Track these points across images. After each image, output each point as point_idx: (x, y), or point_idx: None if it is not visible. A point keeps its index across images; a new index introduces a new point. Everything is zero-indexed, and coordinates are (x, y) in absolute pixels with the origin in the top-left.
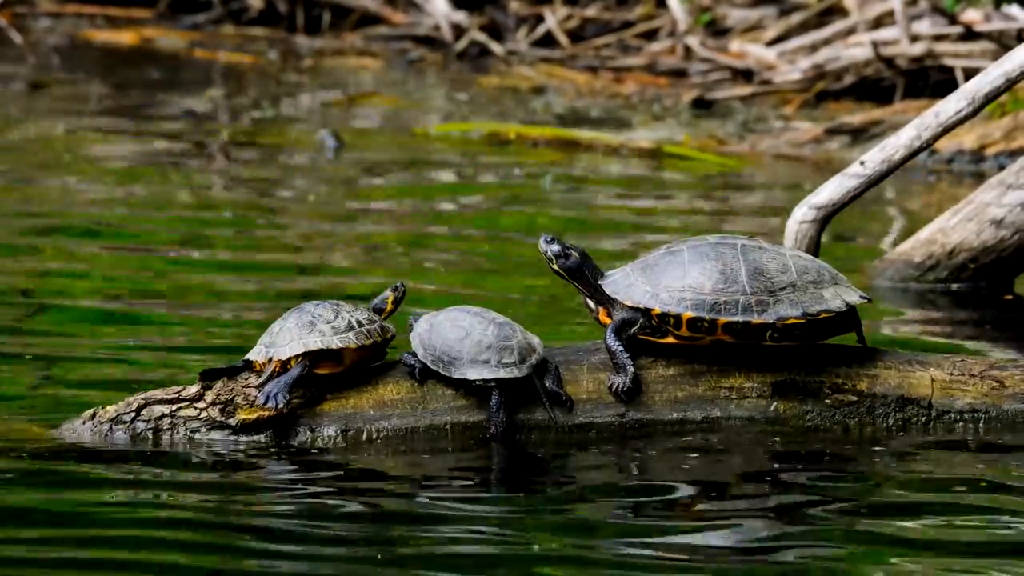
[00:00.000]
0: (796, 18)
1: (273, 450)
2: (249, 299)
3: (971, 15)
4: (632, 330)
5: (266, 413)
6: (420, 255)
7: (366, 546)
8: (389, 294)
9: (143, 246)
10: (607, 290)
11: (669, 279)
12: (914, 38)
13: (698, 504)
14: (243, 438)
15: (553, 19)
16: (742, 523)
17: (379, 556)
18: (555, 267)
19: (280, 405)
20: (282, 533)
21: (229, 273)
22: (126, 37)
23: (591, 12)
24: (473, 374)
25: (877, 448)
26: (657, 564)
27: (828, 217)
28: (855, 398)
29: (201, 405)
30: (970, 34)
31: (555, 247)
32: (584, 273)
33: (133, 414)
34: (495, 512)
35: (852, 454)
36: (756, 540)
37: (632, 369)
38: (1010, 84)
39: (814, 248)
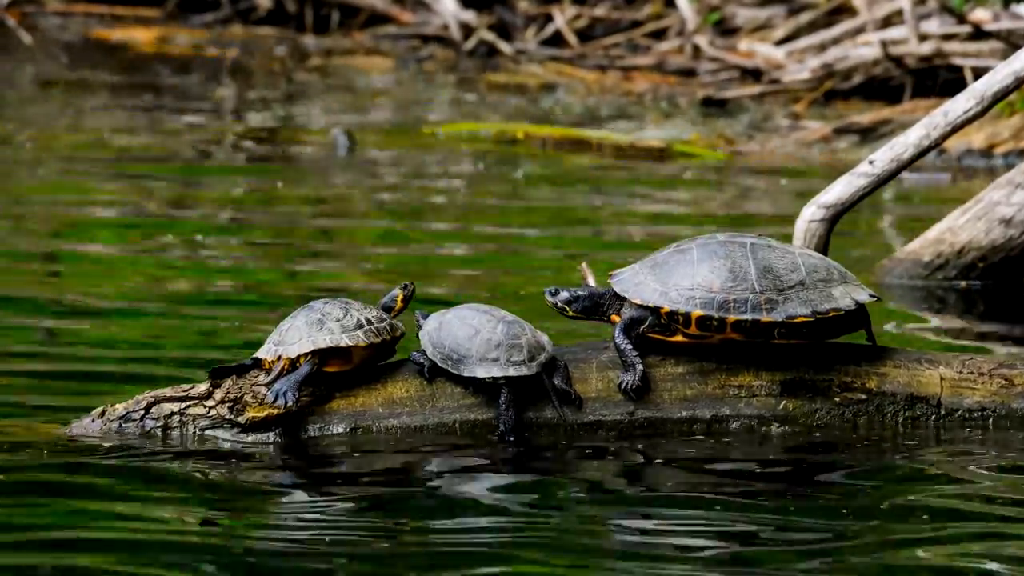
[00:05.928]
0: (805, 17)
1: (282, 448)
2: (258, 296)
3: (980, 14)
4: (641, 328)
5: (275, 411)
6: (429, 253)
7: (375, 543)
8: (398, 292)
9: (153, 241)
10: (616, 288)
11: (678, 277)
12: (923, 37)
13: (707, 502)
14: (252, 436)
15: (562, 18)
16: (751, 521)
17: (388, 553)
18: (571, 314)
19: (289, 403)
20: (291, 531)
21: (238, 270)
22: (141, 37)
23: (600, 11)
24: (482, 372)
25: (886, 446)
26: (666, 561)
27: (837, 216)
28: (864, 396)
29: (210, 403)
30: (979, 33)
31: (563, 295)
32: (599, 305)
33: (142, 412)
34: (504, 510)
35: (861, 452)
36: (765, 538)
37: (641, 367)
38: (1019, 83)
39: (823, 247)
